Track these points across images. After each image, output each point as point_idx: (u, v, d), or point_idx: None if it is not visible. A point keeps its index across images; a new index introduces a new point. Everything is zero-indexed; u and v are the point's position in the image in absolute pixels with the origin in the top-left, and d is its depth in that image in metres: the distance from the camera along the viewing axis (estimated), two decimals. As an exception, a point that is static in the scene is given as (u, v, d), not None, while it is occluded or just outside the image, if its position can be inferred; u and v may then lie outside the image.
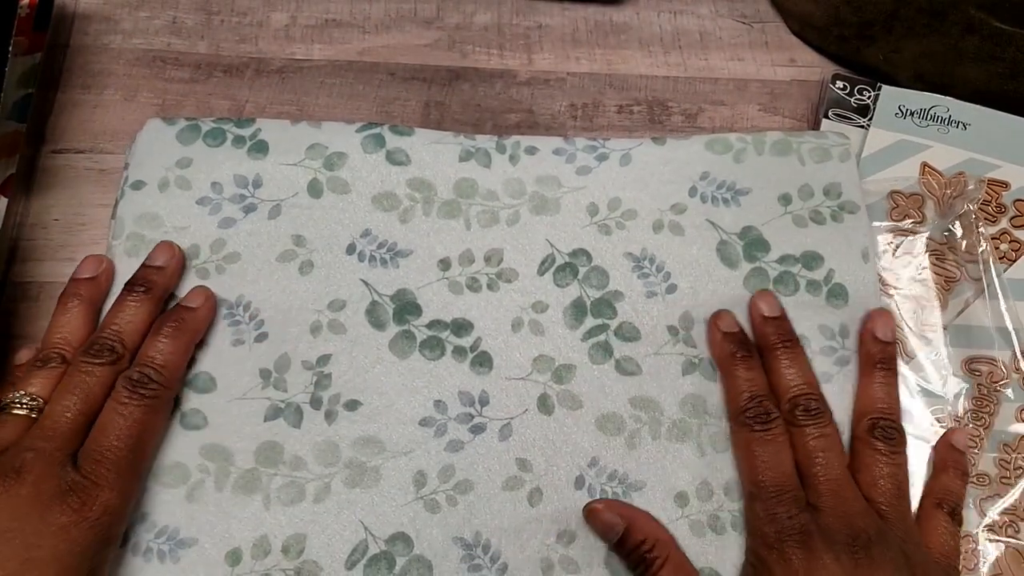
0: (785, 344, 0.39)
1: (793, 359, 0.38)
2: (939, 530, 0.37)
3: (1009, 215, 0.45)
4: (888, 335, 0.39)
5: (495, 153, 0.43)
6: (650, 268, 0.42)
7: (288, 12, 0.49)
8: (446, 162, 0.43)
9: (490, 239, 0.42)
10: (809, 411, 0.37)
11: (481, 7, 0.51)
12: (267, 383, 0.38)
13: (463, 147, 0.43)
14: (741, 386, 0.38)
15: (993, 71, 0.46)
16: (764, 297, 0.40)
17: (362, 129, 0.43)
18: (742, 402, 0.37)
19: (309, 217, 0.41)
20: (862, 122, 0.47)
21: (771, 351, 0.39)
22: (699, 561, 0.37)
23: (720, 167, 0.44)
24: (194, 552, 0.35)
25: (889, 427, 0.37)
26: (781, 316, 0.40)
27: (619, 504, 0.37)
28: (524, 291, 0.41)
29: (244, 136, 0.43)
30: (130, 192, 0.41)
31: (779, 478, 0.35)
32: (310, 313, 0.40)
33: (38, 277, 0.42)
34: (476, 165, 0.43)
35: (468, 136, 0.44)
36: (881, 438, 0.37)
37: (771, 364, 0.39)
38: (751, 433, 0.36)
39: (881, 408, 0.38)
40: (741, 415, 0.37)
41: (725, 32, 0.51)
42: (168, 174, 0.41)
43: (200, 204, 0.41)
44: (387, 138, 0.43)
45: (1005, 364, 0.42)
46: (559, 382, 0.39)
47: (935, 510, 0.37)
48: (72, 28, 0.47)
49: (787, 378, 0.38)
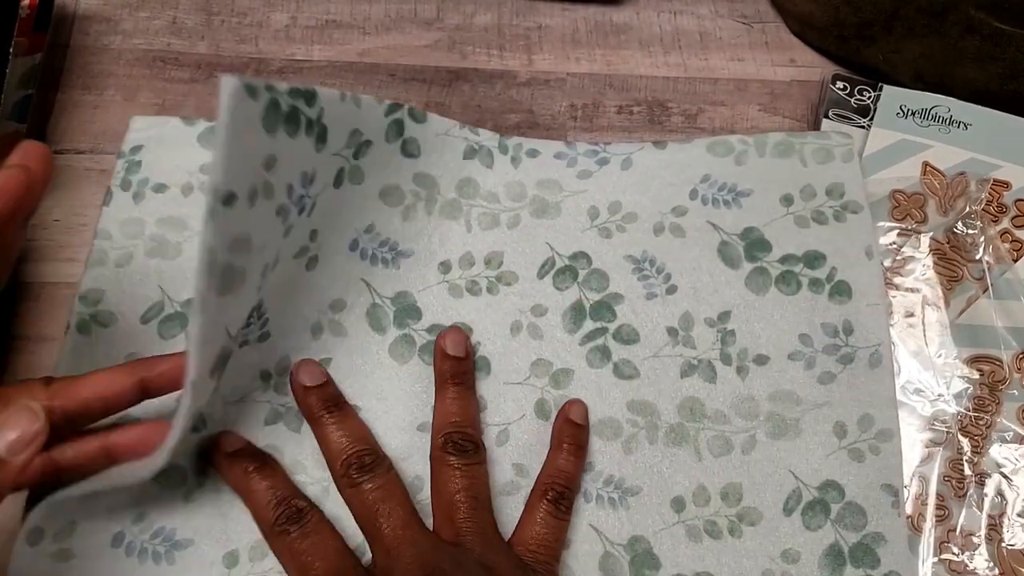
0: (329, 409, 0.37)
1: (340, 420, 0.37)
2: (535, 520, 0.35)
3: (1010, 215, 0.45)
4: (459, 351, 0.38)
5: (497, 153, 0.43)
6: (650, 270, 0.42)
7: (288, 13, 0.49)
8: (451, 157, 0.42)
9: (490, 242, 0.42)
10: (363, 468, 0.35)
11: (481, 8, 0.51)
12: (267, 386, 0.38)
13: (467, 143, 0.43)
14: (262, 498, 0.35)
15: (993, 71, 0.46)
16: (304, 368, 0.38)
17: (389, 112, 0.40)
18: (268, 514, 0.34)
19: (327, 209, 0.39)
20: (862, 122, 0.47)
21: (316, 419, 0.37)
22: (695, 567, 0.37)
23: (721, 169, 0.44)
24: (190, 554, 0.35)
25: (463, 439, 0.36)
26: (325, 382, 0.38)
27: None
28: (523, 294, 0.41)
29: None
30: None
31: (333, 565, 0.33)
32: (311, 313, 0.39)
33: (38, 277, 0.42)
34: (479, 165, 0.43)
35: (472, 130, 0.43)
36: (455, 452, 0.36)
37: (317, 433, 0.37)
38: (287, 537, 0.34)
39: (454, 422, 0.37)
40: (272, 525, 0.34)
41: (725, 32, 0.51)
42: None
43: None
44: (406, 125, 0.41)
45: (1007, 364, 0.42)
46: (556, 387, 0.39)
47: (538, 500, 0.36)
48: (72, 29, 0.47)
49: (335, 441, 0.36)
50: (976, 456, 0.41)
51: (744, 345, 0.41)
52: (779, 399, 0.40)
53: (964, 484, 0.40)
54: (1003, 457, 0.41)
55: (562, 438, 0.38)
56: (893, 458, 0.39)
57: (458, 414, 0.37)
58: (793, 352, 0.40)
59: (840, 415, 0.39)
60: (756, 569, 0.37)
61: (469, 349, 0.39)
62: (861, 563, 0.37)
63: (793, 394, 0.40)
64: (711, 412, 0.39)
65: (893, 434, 0.39)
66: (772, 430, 0.39)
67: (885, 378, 0.40)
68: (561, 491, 0.36)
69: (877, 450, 0.39)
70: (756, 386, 0.40)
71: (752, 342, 0.41)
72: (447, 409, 0.37)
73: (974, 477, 0.40)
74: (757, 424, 0.39)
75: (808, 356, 0.40)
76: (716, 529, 0.37)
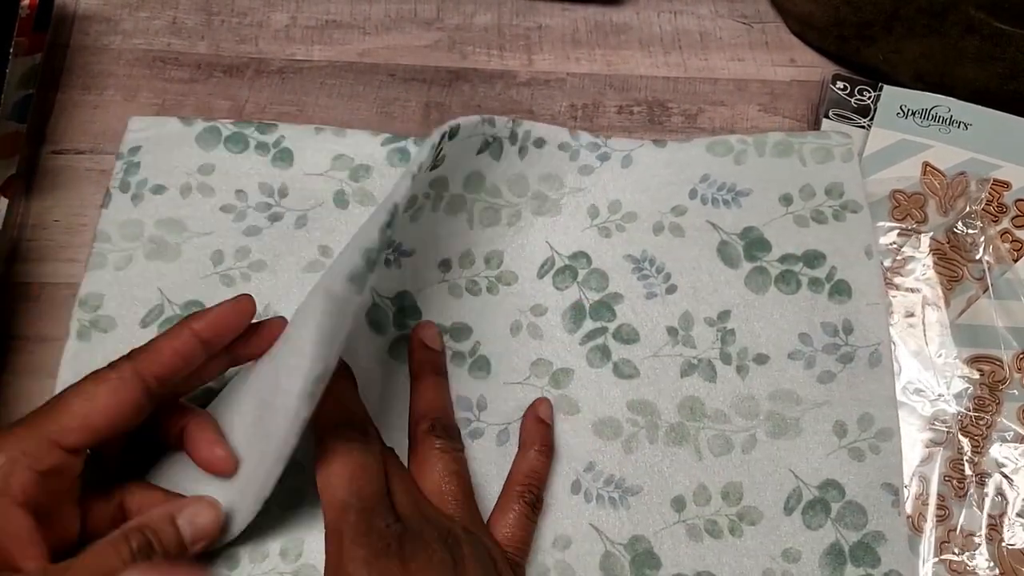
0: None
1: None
2: (510, 521, 0.35)
3: (1010, 215, 0.45)
4: (436, 344, 0.39)
5: (507, 144, 0.42)
6: (650, 269, 0.42)
7: (288, 13, 0.49)
8: (465, 155, 0.41)
9: (491, 240, 0.42)
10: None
11: (481, 8, 0.51)
12: None
13: (484, 136, 0.41)
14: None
15: (993, 71, 0.46)
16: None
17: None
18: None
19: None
20: (862, 122, 0.47)
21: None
22: (696, 566, 0.37)
23: (721, 169, 0.44)
24: None
25: (448, 426, 0.36)
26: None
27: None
28: (523, 294, 0.41)
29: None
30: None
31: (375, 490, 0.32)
32: None
33: (38, 277, 0.42)
34: (488, 157, 0.42)
35: (489, 121, 0.40)
36: (443, 436, 0.36)
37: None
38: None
39: (438, 408, 0.37)
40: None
41: (725, 32, 0.51)
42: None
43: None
44: (412, 153, 0.42)
45: (1007, 364, 0.42)
46: (556, 386, 0.39)
47: (513, 501, 0.36)
48: (72, 28, 0.47)
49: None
50: (976, 456, 0.41)
51: (744, 344, 0.41)
52: (779, 398, 0.40)
53: (964, 484, 0.40)
54: (1003, 457, 0.41)
55: (532, 438, 0.38)
56: (893, 457, 0.39)
57: (439, 401, 0.37)
58: (793, 351, 0.40)
59: (840, 414, 0.39)
60: (757, 568, 0.37)
61: (442, 343, 0.39)
62: (862, 562, 0.37)
63: (793, 393, 0.40)
64: (711, 411, 0.39)
65: (893, 433, 0.39)
66: (772, 429, 0.39)
67: (885, 377, 0.40)
68: (537, 493, 0.36)
69: (877, 449, 0.39)
70: (756, 385, 0.40)
71: (752, 341, 0.41)
72: (429, 396, 0.37)
73: (974, 477, 0.40)
74: (757, 423, 0.39)
75: (808, 355, 0.40)
76: (717, 528, 0.37)
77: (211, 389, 0.36)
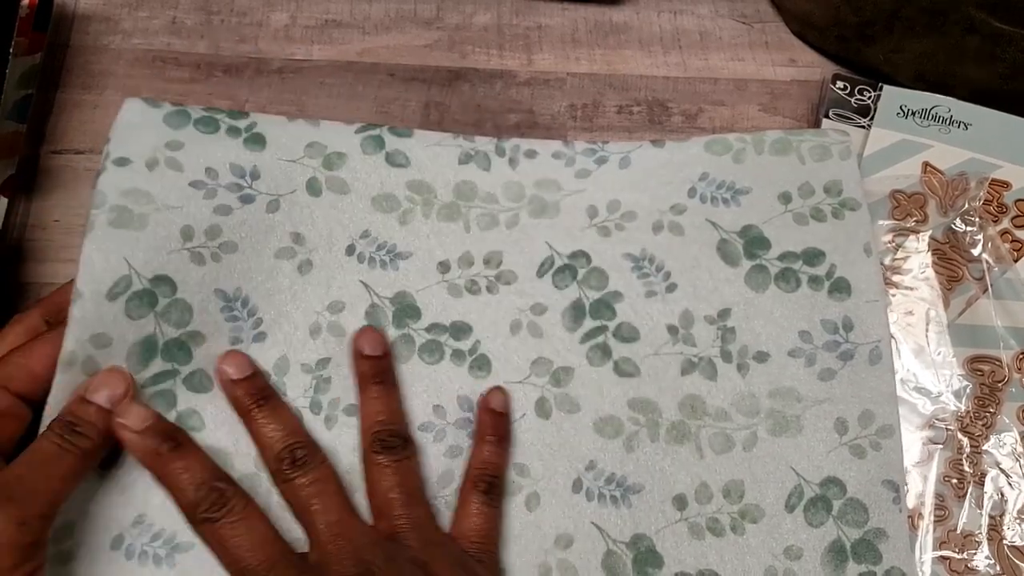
0: (258, 403, 0.36)
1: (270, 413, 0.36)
2: (471, 512, 0.36)
3: (1010, 215, 0.45)
4: (377, 349, 0.38)
5: (494, 156, 0.43)
6: (650, 268, 0.42)
7: (288, 12, 0.49)
8: (446, 164, 0.42)
9: (489, 242, 0.42)
10: (295, 462, 0.34)
11: (481, 7, 0.51)
12: None
13: (463, 149, 0.43)
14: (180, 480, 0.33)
15: (993, 71, 0.46)
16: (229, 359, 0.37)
17: (361, 130, 0.42)
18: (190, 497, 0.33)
19: (308, 215, 0.40)
20: (862, 122, 0.47)
21: (245, 412, 0.36)
22: (698, 564, 0.37)
23: (719, 167, 0.44)
24: (191, 556, 0.35)
25: (390, 436, 0.36)
26: (253, 374, 0.37)
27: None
28: (523, 293, 0.41)
29: (239, 127, 0.41)
30: (113, 167, 0.38)
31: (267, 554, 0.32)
32: (309, 314, 0.39)
33: (38, 277, 0.42)
34: (476, 168, 0.43)
35: (467, 138, 0.43)
36: (383, 450, 0.35)
37: (248, 427, 0.36)
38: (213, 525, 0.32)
39: (381, 420, 0.36)
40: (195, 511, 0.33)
41: (725, 32, 0.51)
42: (157, 154, 0.39)
43: (194, 187, 0.39)
44: (386, 140, 0.42)
45: (1007, 363, 0.42)
46: (557, 385, 0.39)
47: (470, 493, 0.36)
48: (72, 28, 0.47)
49: (267, 436, 0.35)
50: (976, 455, 0.41)
51: (744, 342, 0.41)
52: (780, 396, 0.40)
53: (964, 483, 0.40)
54: (1003, 456, 0.41)
55: (484, 428, 0.38)
56: (894, 454, 0.39)
57: (383, 412, 0.37)
58: (793, 349, 0.40)
59: (841, 411, 0.39)
60: (759, 566, 0.37)
61: (386, 346, 0.39)
62: (863, 559, 0.37)
63: (794, 391, 0.40)
64: (712, 409, 0.39)
65: (894, 430, 0.39)
66: (773, 427, 0.39)
67: (885, 374, 0.40)
68: (491, 481, 0.37)
69: (878, 446, 0.39)
70: (757, 383, 0.40)
71: (752, 339, 0.41)
72: (372, 409, 0.37)
73: (974, 476, 0.40)
74: (758, 421, 0.39)
75: (808, 353, 0.40)
76: (718, 526, 0.37)
77: None
